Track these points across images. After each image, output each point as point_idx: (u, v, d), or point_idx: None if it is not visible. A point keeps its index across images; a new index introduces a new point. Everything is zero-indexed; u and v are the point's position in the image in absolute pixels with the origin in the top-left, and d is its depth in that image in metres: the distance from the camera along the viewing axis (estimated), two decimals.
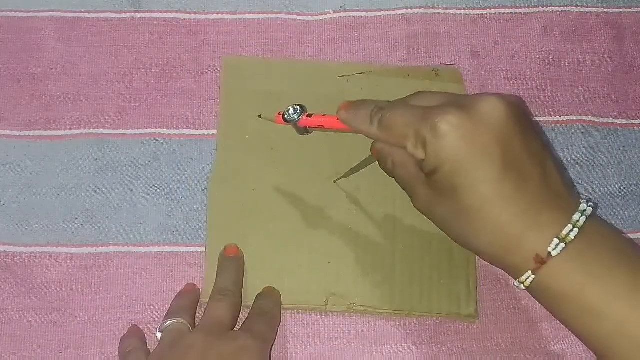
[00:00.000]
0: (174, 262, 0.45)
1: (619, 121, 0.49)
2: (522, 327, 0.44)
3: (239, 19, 0.50)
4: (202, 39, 0.50)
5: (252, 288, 0.43)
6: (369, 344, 0.44)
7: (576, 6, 0.52)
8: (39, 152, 0.47)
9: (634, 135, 0.49)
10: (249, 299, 0.43)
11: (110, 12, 0.50)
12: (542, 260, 0.34)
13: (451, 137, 0.34)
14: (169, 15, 0.50)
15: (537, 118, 0.49)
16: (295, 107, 0.40)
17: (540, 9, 0.51)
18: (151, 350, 0.41)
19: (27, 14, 0.50)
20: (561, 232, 0.33)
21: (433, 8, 0.51)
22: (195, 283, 0.44)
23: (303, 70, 0.49)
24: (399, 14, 0.51)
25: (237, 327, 0.41)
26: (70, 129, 0.47)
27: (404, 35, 0.50)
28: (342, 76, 0.48)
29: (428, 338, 0.44)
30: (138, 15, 0.50)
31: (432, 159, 0.35)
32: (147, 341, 0.42)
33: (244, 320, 0.42)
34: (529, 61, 0.50)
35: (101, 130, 0.47)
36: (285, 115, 0.40)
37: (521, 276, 0.35)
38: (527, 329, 0.44)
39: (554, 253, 0.33)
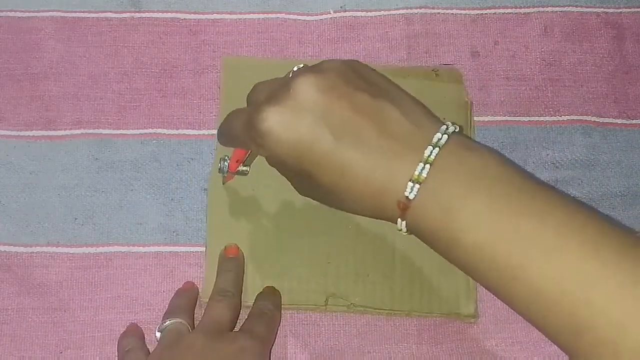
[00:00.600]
0: (174, 262, 0.45)
1: (619, 121, 0.49)
2: (522, 327, 0.44)
3: (239, 19, 0.50)
4: (202, 39, 0.50)
5: (252, 288, 0.44)
6: (369, 344, 0.44)
7: (576, 6, 0.52)
8: (39, 152, 0.47)
9: (634, 135, 0.49)
10: (249, 298, 0.43)
11: (110, 12, 0.50)
12: (405, 206, 0.34)
13: (275, 133, 0.34)
14: (169, 15, 0.50)
15: (537, 118, 0.49)
16: (224, 157, 0.43)
17: (540, 9, 0.51)
18: (150, 350, 0.41)
19: (27, 14, 0.49)
20: (414, 173, 0.33)
21: (433, 8, 0.51)
22: (195, 283, 0.44)
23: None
24: (399, 14, 0.51)
25: (237, 328, 0.41)
26: (70, 129, 0.47)
27: (404, 35, 0.50)
28: None
29: (428, 338, 0.44)
30: (138, 15, 0.50)
31: (272, 157, 0.36)
32: (146, 340, 0.42)
33: (243, 320, 0.42)
34: (529, 61, 0.50)
35: (101, 130, 0.47)
36: (220, 171, 0.43)
37: (397, 225, 0.35)
38: (527, 329, 0.44)
39: (411, 196, 0.33)
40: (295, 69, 0.38)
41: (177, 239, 0.45)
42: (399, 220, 0.35)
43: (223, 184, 0.45)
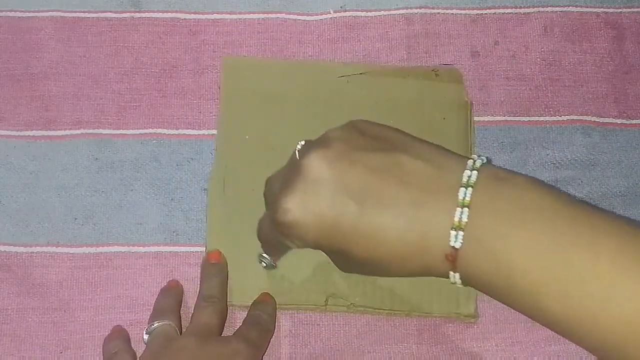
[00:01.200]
0: (174, 262, 0.45)
1: (618, 121, 0.49)
2: (522, 327, 0.44)
3: (239, 18, 0.50)
4: (202, 39, 0.50)
5: (251, 289, 0.43)
6: (369, 344, 0.44)
7: (576, 6, 0.52)
8: (38, 152, 0.47)
9: (634, 135, 0.49)
10: (247, 299, 0.43)
11: (110, 12, 0.50)
12: (453, 257, 0.31)
13: (300, 221, 0.34)
14: (169, 15, 0.50)
15: (537, 118, 0.49)
16: (264, 255, 0.43)
17: (540, 9, 0.51)
18: (137, 351, 0.41)
19: (27, 14, 0.49)
20: (453, 219, 0.31)
21: (433, 8, 0.51)
22: (195, 283, 0.44)
23: (303, 71, 0.49)
24: (399, 14, 0.51)
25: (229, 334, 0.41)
26: (70, 129, 0.47)
27: (404, 35, 0.50)
28: (342, 76, 0.48)
29: (428, 338, 0.44)
30: (138, 15, 0.50)
31: (307, 244, 0.35)
32: (133, 341, 0.42)
33: (235, 326, 0.42)
34: (529, 61, 0.50)
35: (101, 130, 0.47)
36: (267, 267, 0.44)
37: (450, 279, 0.33)
38: (527, 329, 0.44)
39: (457, 245, 0.31)
40: (298, 147, 0.37)
41: (177, 239, 0.45)
42: (451, 273, 0.32)
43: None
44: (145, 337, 0.40)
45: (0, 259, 0.44)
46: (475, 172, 0.32)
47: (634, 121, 0.49)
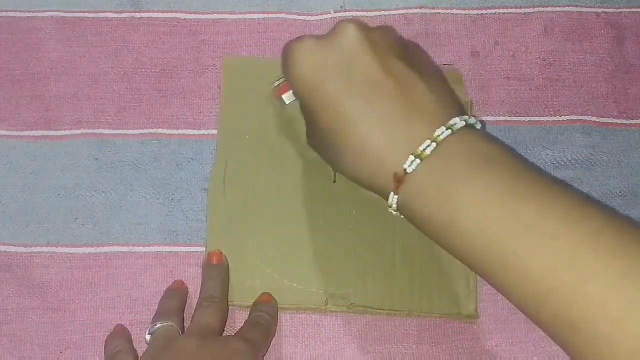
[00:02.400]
0: (174, 262, 0.45)
1: (619, 121, 0.49)
2: (522, 327, 0.44)
3: (239, 18, 0.50)
4: (201, 39, 0.50)
5: (251, 289, 0.43)
6: (369, 344, 0.44)
7: (576, 6, 0.52)
8: (38, 152, 0.47)
9: (634, 135, 0.49)
10: (248, 299, 0.43)
11: (110, 12, 0.50)
12: (400, 179, 0.33)
13: (302, 64, 0.35)
14: (169, 15, 0.50)
15: (537, 118, 0.49)
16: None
17: (540, 9, 0.51)
18: (138, 351, 0.41)
19: (27, 14, 0.49)
20: (418, 147, 0.32)
21: (433, 8, 0.51)
22: (195, 283, 0.44)
23: None
24: (399, 14, 0.51)
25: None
26: (70, 129, 0.47)
27: (404, 35, 0.50)
28: None
29: (428, 338, 0.44)
30: (138, 15, 0.50)
31: (291, 83, 0.37)
32: (134, 341, 0.42)
33: (236, 326, 0.42)
34: (529, 61, 0.50)
35: (101, 130, 0.47)
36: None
37: (387, 201, 0.34)
38: (527, 329, 0.44)
39: (409, 170, 0.32)
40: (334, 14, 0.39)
41: (177, 238, 0.45)
42: (391, 194, 0.34)
43: (272, 98, 0.46)
44: (147, 337, 0.40)
45: (0, 259, 0.44)
46: (463, 122, 0.33)
47: (634, 121, 0.49)
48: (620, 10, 0.52)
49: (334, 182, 0.45)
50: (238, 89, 0.48)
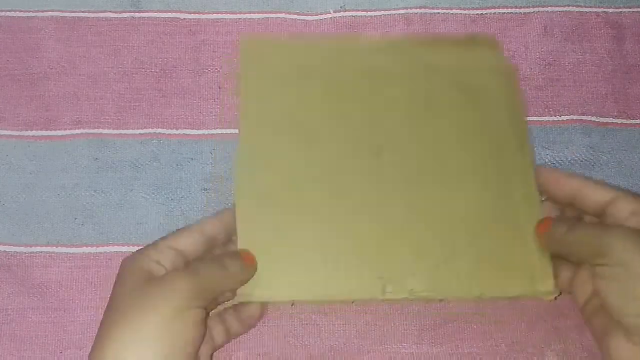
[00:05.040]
0: None
1: (618, 121, 0.49)
2: (522, 327, 0.44)
3: (239, 18, 0.50)
4: (202, 39, 0.50)
5: (295, 281, 0.39)
6: (369, 344, 0.44)
7: (576, 6, 0.52)
8: (38, 152, 0.47)
9: (634, 135, 0.49)
10: (292, 293, 0.39)
11: (110, 12, 0.50)
12: None
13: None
14: (169, 15, 0.50)
15: (537, 118, 0.49)
16: None
17: (540, 9, 0.51)
18: None
19: (27, 14, 0.50)
20: None
21: (433, 8, 0.51)
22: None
23: (331, 45, 0.46)
24: (399, 14, 0.51)
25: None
26: (70, 129, 0.47)
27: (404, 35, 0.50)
28: (372, 48, 0.45)
29: (428, 338, 0.44)
30: (138, 15, 0.50)
31: None
32: None
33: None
34: (529, 61, 0.50)
35: (101, 130, 0.47)
36: None
37: None
38: (527, 329, 0.44)
39: None
40: None
41: None
42: None
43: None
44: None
45: (0, 259, 0.44)
46: None
47: (634, 121, 0.49)
48: (620, 10, 0.52)
49: (378, 156, 0.42)
50: (259, 67, 0.44)
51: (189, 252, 0.39)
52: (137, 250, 0.39)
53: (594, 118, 0.49)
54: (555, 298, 0.42)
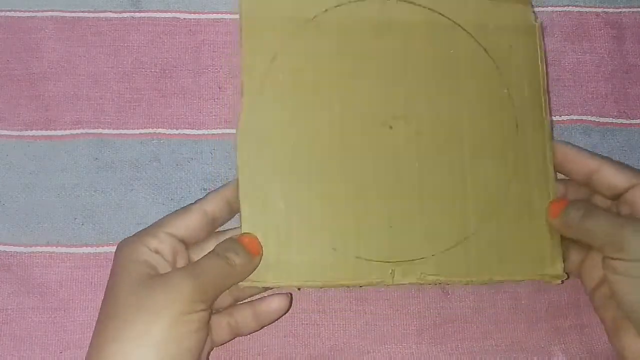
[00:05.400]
0: None
1: (618, 121, 0.49)
2: (522, 327, 0.44)
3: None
4: (201, 39, 0.50)
5: (299, 265, 0.37)
6: (369, 344, 0.44)
7: (576, 6, 0.52)
8: (38, 152, 0.47)
9: (634, 135, 0.49)
10: (295, 279, 0.38)
11: (110, 11, 0.50)
12: None
13: None
14: (169, 15, 0.50)
15: None
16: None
17: (540, 9, 0.51)
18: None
19: (26, 14, 0.49)
20: None
21: None
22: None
23: None
24: None
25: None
26: (70, 129, 0.47)
27: None
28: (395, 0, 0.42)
29: (428, 338, 0.44)
30: (138, 15, 0.50)
31: None
32: None
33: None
34: None
35: (101, 130, 0.47)
36: None
37: None
38: (527, 329, 0.44)
39: None
40: None
41: None
42: None
43: None
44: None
45: (0, 258, 0.44)
46: None
47: (633, 121, 0.49)
48: (620, 10, 0.52)
49: (391, 128, 0.39)
50: (263, 16, 0.40)
51: (190, 237, 0.38)
52: (134, 236, 0.38)
53: (594, 118, 0.49)
54: (562, 282, 0.41)
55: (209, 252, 0.37)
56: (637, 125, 0.49)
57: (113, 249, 0.44)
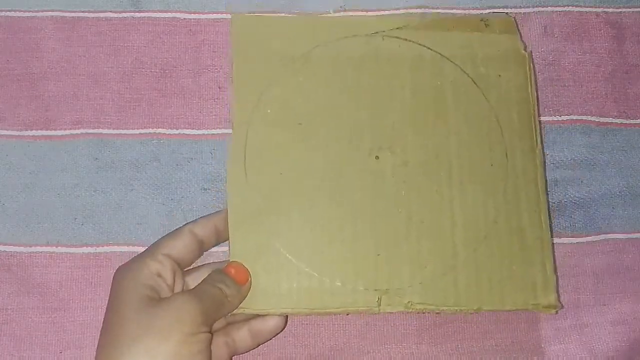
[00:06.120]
0: None
1: (618, 121, 0.49)
2: (522, 327, 0.44)
3: None
4: (201, 39, 0.49)
5: (288, 293, 0.38)
6: (368, 344, 0.44)
7: (576, 6, 0.52)
8: (38, 152, 0.47)
9: (634, 135, 0.49)
10: (285, 306, 0.38)
11: (110, 11, 0.50)
12: None
13: None
14: (169, 15, 0.50)
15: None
16: None
17: (540, 9, 0.51)
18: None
19: (26, 14, 0.49)
20: None
21: (433, 8, 0.51)
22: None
23: (330, 28, 0.42)
24: (399, 14, 0.51)
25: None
26: (70, 129, 0.47)
27: None
28: (376, 33, 0.43)
29: (428, 338, 0.44)
30: (138, 15, 0.50)
31: None
32: None
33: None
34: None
35: (101, 130, 0.47)
36: None
37: None
38: (527, 329, 0.44)
39: None
40: None
41: None
42: None
43: None
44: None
45: (0, 258, 0.44)
46: None
47: (633, 121, 0.49)
48: (620, 10, 0.52)
49: (377, 158, 0.40)
50: (254, 53, 0.41)
51: (185, 260, 0.39)
52: (133, 260, 0.39)
53: (594, 118, 0.49)
54: (556, 312, 0.41)
55: (205, 279, 0.38)
56: (637, 125, 0.49)
57: (113, 249, 0.45)
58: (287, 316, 0.42)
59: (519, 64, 0.43)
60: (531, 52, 0.45)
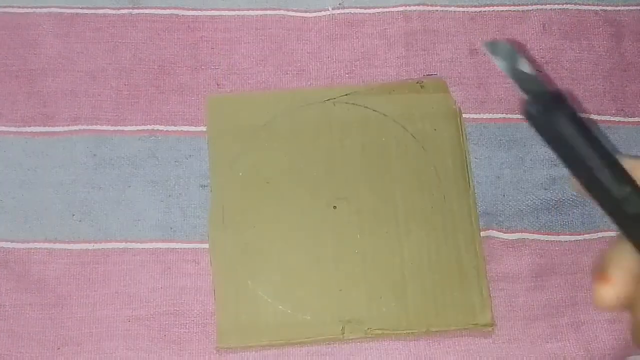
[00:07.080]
0: (171, 258, 0.45)
1: (616, 119, 0.49)
2: (519, 326, 0.44)
3: (237, 15, 0.50)
4: (200, 36, 0.49)
5: (265, 327, 0.43)
6: (368, 343, 0.44)
7: (574, 4, 0.51)
8: (36, 148, 0.47)
9: (632, 133, 0.49)
10: (262, 339, 0.43)
11: (109, 8, 0.50)
12: None
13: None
14: (167, 11, 0.50)
15: None
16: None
17: (539, 7, 0.51)
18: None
19: (25, 10, 0.49)
20: None
21: (431, 5, 0.51)
22: (191, 279, 0.44)
23: (288, 99, 0.48)
24: (398, 11, 0.51)
25: None
26: (68, 125, 0.47)
27: (402, 32, 0.50)
28: (328, 100, 0.48)
29: (427, 338, 0.44)
30: (136, 11, 0.50)
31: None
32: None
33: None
34: (528, 59, 0.50)
35: (99, 127, 0.47)
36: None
37: None
38: (525, 327, 0.44)
39: None
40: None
41: (175, 235, 0.45)
42: None
43: None
44: None
45: None
46: None
47: (632, 119, 0.49)
48: (618, 8, 0.52)
49: (335, 207, 0.46)
50: (225, 127, 0.47)
51: None
52: None
53: (592, 115, 0.49)
54: (492, 329, 0.44)
55: None
56: (635, 123, 0.49)
57: (110, 245, 0.45)
58: None
59: (451, 118, 0.48)
60: (460, 107, 0.48)
